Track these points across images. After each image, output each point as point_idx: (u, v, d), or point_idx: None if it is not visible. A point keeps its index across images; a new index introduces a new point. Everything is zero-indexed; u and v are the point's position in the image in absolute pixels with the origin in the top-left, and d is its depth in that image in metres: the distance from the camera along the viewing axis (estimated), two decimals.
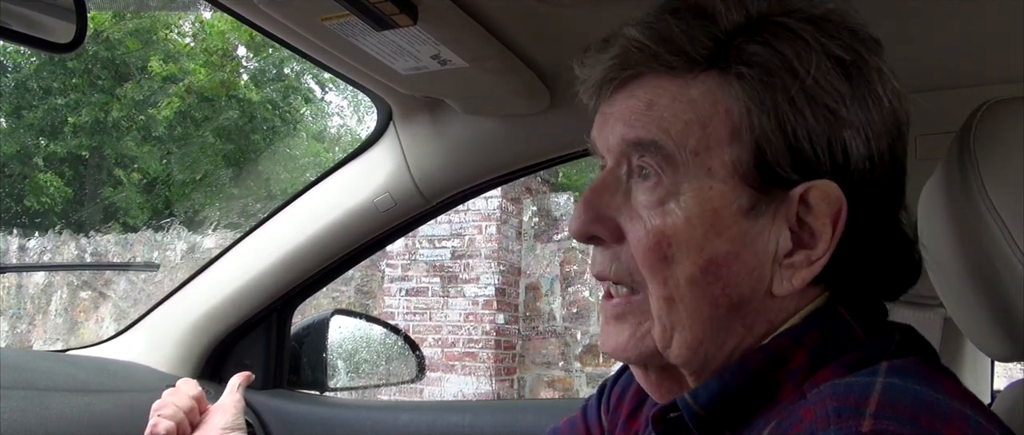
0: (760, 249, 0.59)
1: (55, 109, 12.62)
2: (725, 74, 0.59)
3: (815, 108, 0.57)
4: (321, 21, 0.94)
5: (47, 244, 8.91)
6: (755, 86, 0.57)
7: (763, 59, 0.58)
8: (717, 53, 0.59)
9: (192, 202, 12.80)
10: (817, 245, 0.58)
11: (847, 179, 0.58)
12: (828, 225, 0.58)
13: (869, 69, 0.59)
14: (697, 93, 0.59)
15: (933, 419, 0.49)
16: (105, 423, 1.26)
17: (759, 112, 0.57)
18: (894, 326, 0.61)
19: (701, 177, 0.58)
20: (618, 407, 0.81)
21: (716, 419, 0.59)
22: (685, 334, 0.60)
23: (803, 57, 0.57)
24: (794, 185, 0.58)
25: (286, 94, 13.94)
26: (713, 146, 0.58)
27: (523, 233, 6.84)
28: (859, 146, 0.58)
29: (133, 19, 12.91)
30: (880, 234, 0.60)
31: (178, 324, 1.54)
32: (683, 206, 0.58)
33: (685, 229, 0.58)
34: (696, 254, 0.58)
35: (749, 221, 0.58)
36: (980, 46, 1.06)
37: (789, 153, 0.57)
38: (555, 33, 1.07)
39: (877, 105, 0.59)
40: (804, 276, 0.58)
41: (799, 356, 0.58)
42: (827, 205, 0.57)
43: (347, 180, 1.45)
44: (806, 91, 0.57)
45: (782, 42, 0.58)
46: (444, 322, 6.60)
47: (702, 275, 0.58)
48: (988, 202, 0.63)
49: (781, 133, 0.57)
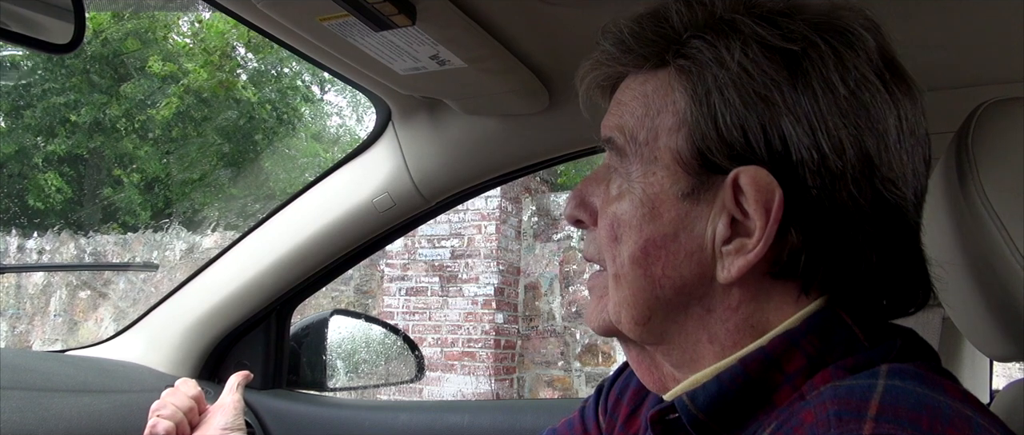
0: (698, 233, 0.61)
1: (54, 108, 12.61)
2: (677, 70, 0.62)
3: (745, 95, 0.58)
4: (319, 21, 0.94)
5: (46, 244, 8.91)
6: (691, 77, 0.61)
7: (696, 52, 0.61)
8: (666, 50, 0.63)
9: (191, 202, 12.80)
10: (751, 234, 0.59)
11: (788, 168, 0.57)
12: (761, 212, 0.57)
13: (824, 59, 0.58)
14: (651, 88, 0.63)
15: (935, 421, 0.49)
16: (104, 423, 1.26)
17: (693, 102, 0.60)
18: (896, 330, 0.61)
19: (647, 164, 0.62)
20: (616, 408, 0.81)
21: (714, 421, 0.59)
22: (631, 310, 0.64)
23: (732, 47, 0.59)
24: (728, 171, 0.59)
25: (285, 93, 13.94)
26: (660, 136, 0.62)
27: (522, 232, 6.84)
28: (801, 135, 0.57)
29: (132, 19, 12.91)
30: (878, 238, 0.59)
31: (177, 324, 1.54)
32: (631, 191, 0.63)
33: (630, 211, 0.63)
34: (637, 234, 0.62)
35: (688, 205, 0.61)
36: (978, 46, 1.06)
37: (719, 139, 0.59)
38: (554, 33, 1.07)
39: (829, 94, 0.57)
40: (740, 265, 0.59)
41: (797, 359, 0.58)
42: (756, 191, 0.57)
43: (346, 180, 1.45)
44: (733, 79, 0.58)
45: (718, 36, 0.60)
46: (443, 322, 6.59)
47: (642, 254, 0.62)
48: (986, 202, 0.63)
49: (712, 121, 0.59)
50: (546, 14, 1.01)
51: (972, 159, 0.65)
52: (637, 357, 0.69)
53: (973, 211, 0.64)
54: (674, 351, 0.64)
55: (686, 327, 0.63)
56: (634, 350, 0.69)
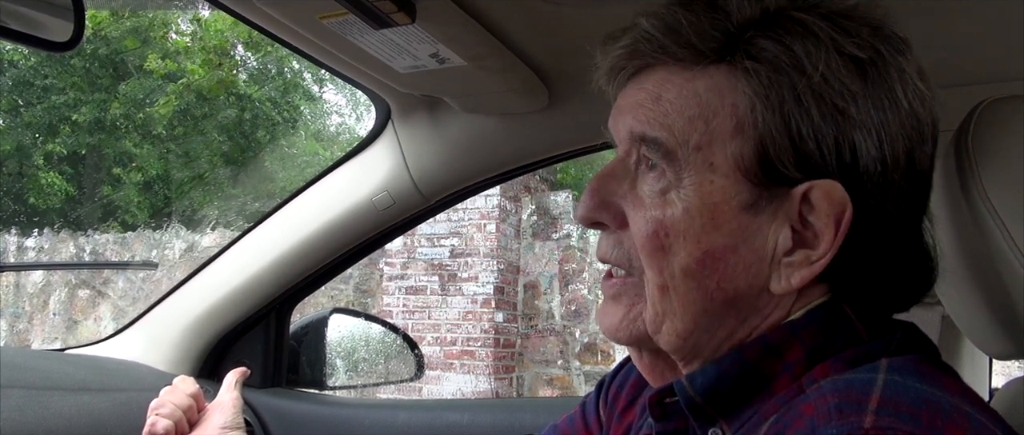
0: (759, 245, 0.59)
1: (54, 107, 12.59)
2: (733, 68, 0.58)
3: (823, 107, 0.56)
4: (319, 19, 0.94)
5: (45, 243, 8.90)
6: (762, 81, 0.57)
7: (771, 54, 0.57)
8: (726, 46, 0.59)
9: (191, 201, 12.79)
10: (819, 245, 0.58)
11: (855, 180, 0.57)
12: (831, 226, 0.57)
13: (888, 68, 0.58)
14: (703, 87, 0.59)
15: (934, 416, 0.49)
16: (103, 422, 1.26)
17: (764, 108, 0.57)
18: (897, 324, 0.61)
19: (703, 171, 0.59)
20: (615, 401, 0.81)
21: (711, 406, 0.60)
22: (676, 323, 0.61)
23: (813, 54, 0.56)
24: (797, 183, 0.57)
25: (285, 91, 13.92)
26: (716, 141, 0.58)
27: (522, 231, 6.84)
28: (870, 147, 0.56)
29: (131, 17, 12.88)
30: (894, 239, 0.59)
31: (177, 323, 1.54)
32: (683, 198, 0.59)
33: (684, 220, 0.59)
34: (693, 245, 0.59)
35: (749, 216, 0.58)
36: (978, 44, 1.06)
37: (793, 151, 0.57)
38: (554, 31, 1.07)
39: (894, 106, 0.57)
40: (803, 276, 0.58)
41: (795, 350, 0.58)
42: (830, 205, 0.57)
43: (345, 179, 1.45)
44: (813, 89, 0.56)
45: (793, 38, 0.57)
46: (443, 320, 6.59)
47: (698, 267, 0.59)
48: (986, 200, 0.63)
49: (786, 130, 0.56)
50: (546, 13, 1.01)
51: (972, 157, 0.65)
52: (651, 364, 0.67)
53: (973, 209, 0.64)
54: (697, 359, 0.62)
55: (716, 336, 0.61)
56: (648, 357, 0.67)
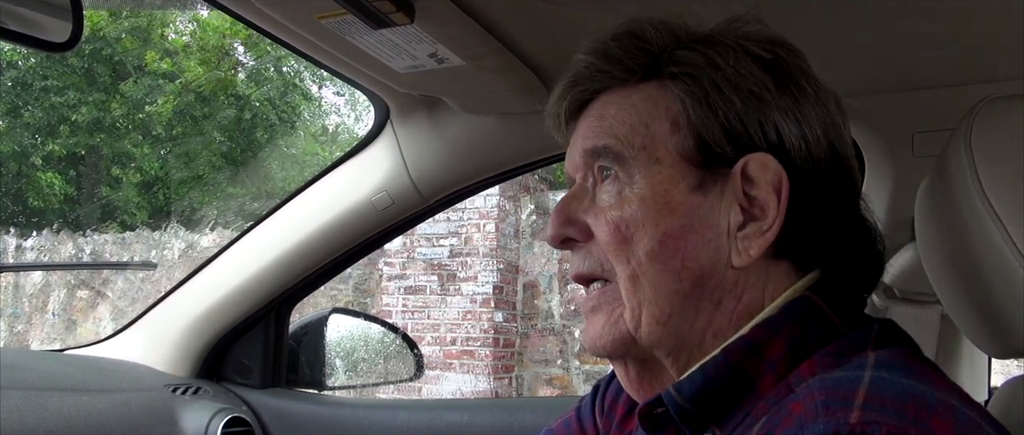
0: (714, 222, 0.65)
1: (53, 108, 12.58)
2: (661, 80, 0.67)
3: (741, 94, 0.64)
4: (318, 19, 0.94)
5: (45, 243, 8.90)
6: (686, 82, 0.66)
7: (690, 59, 0.66)
8: (652, 65, 0.68)
9: (190, 201, 12.78)
10: (767, 216, 0.64)
11: (786, 157, 0.64)
12: (772, 196, 0.63)
13: (790, 67, 0.67)
14: (639, 99, 0.68)
15: (920, 410, 0.51)
16: (103, 423, 1.26)
17: (692, 102, 0.65)
18: (871, 319, 0.64)
19: (650, 165, 0.66)
20: (613, 408, 0.81)
21: (701, 411, 0.61)
22: (653, 309, 0.65)
23: (724, 54, 0.66)
24: (734, 162, 0.64)
25: (285, 91, 13.91)
26: (658, 139, 0.66)
27: (521, 231, 6.84)
28: (791, 126, 0.65)
29: (130, 18, 12.87)
30: (836, 216, 0.66)
31: (176, 323, 1.54)
32: (637, 192, 0.66)
33: (640, 210, 0.65)
34: (652, 229, 0.64)
35: (698, 197, 0.65)
36: (977, 44, 1.06)
37: (724, 133, 0.64)
38: (552, 31, 1.07)
39: (802, 95, 0.66)
40: (760, 245, 0.64)
41: (776, 346, 0.61)
42: (766, 175, 0.63)
43: (345, 179, 1.45)
44: (730, 80, 0.65)
45: (706, 46, 0.67)
46: (442, 320, 6.59)
47: (660, 248, 0.64)
48: (984, 199, 0.63)
49: (714, 117, 0.65)
50: (545, 13, 1.01)
51: (970, 156, 0.65)
52: (638, 377, 0.70)
53: (971, 208, 0.64)
54: (682, 353, 0.65)
55: (696, 325, 0.65)
56: (634, 368, 0.70)
